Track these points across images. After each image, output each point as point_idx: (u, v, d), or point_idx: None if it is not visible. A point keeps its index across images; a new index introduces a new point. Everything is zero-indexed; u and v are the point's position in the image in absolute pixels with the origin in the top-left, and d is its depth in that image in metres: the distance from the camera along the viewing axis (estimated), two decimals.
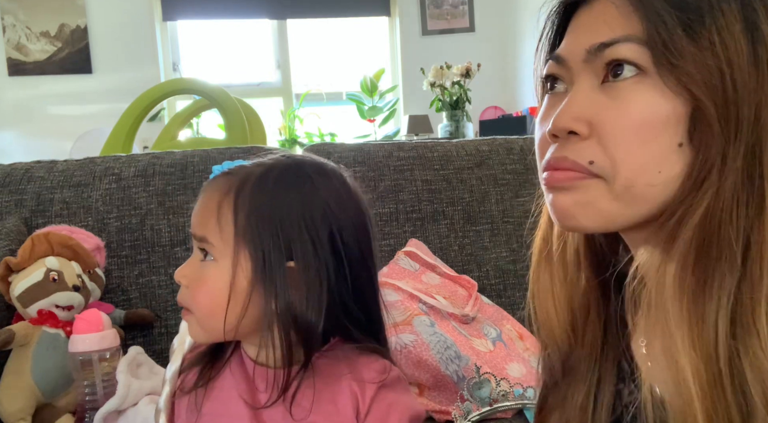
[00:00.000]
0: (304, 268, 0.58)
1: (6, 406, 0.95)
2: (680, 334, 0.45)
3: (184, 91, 2.80)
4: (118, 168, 1.28)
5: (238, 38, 4.16)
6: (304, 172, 0.62)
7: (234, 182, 0.61)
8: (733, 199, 0.44)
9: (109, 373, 0.91)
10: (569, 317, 0.58)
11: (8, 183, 1.24)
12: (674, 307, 0.45)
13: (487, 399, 0.99)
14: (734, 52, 0.44)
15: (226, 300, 0.58)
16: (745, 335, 0.43)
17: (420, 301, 1.13)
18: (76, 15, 3.75)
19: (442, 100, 3.30)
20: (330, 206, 0.61)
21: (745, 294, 0.43)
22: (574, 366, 0.58)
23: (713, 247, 0.44)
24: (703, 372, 0.43)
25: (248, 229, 0.59)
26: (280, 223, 0.59)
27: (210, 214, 0.60)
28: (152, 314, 1.18)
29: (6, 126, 3.73)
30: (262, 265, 0.58)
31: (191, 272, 0.61)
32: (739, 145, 0.44)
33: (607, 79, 0.47)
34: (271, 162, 0.63)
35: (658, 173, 0.46)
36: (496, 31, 4.13)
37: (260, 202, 0.59)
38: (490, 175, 1.39)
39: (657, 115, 0.45)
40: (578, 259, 0.58)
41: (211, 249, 0.60)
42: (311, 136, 3.98)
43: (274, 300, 0.58)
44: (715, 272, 0.44)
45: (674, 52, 0.44)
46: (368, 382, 0.60)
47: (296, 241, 0.59)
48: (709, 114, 0.44)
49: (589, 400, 0.57)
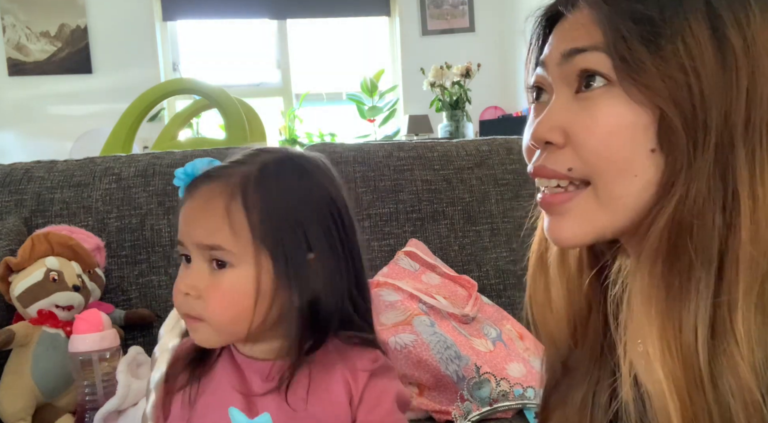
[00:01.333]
0: (323, 257, 0.59)
1: (6, 406, 0.95)
2: (651, 339, 0.45)
3: (184, 91, 2.80)
4: (118, 168, 1.28)
5: (238, 38, 4.16)
6: (297, 163, 0.63)
7: (234, 184, 0.59)
8: (705, 203, 0.44)
9: (109, 373, 0.91)
10: (569, 318, 0.58)
11: (8, 183, 1.24)
12: (643, 312, 0.46)
13: (487, 399, 0.99)
14: (700, 60, 0.44)
15: (252, 304, 0.58)
16: (723, 339, 0.43)
17: (420, 301, 1.13)
18: (76, 15, 3.75)
19: (442, 100, 3.30)
20: (330, 193, 0.62)
21: (723, 299, 0.44)
22: (574, 366, 0.59)
23: (684, 251, 0.45)
24: (681, 376, 0.44)
25: (266, 229, 0.58)
26: (293, 216, 0.59)
27: (219, 220, 0.58)
28: (152, 314, 1.18)
29: (6, 126, 3.73)
30: (285, 262, 0.58)
31: (201, 282, 0.59)
32: (707, 150, 0.44)
33: (581, 89, 0.49)
34: (259, 159, 0.62)
35: (634, 177, 0.47)
36: (496, 31, 4.13)
37: (270, 200, 0.59)
38: (490, 175, 1.39)
39: (623, 124, 0.46)
40: (579, 260, 0.58)
41: (228, 256, 0.58)
42: (311, 136, 3.98)
43: (299, 294, 0.58)
44: (691, 277, 0.44)
45: (633, 66, 0.45)
46: (360, 370, 0.61)
47: (312, 232, 0.59)
48: (674, 122, 0.45)
49: (588, 400, 0.57)
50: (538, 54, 0.55)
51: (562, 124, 0.49)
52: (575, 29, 0.49)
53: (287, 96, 4.14)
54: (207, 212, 0.59)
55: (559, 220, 0.51)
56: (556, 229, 0.51)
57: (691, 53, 0.44)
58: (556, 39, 0.52)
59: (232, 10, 4.02)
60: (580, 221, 0.50)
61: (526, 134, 0.53)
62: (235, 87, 3.67)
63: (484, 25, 4.17)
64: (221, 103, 2.25)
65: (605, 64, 0.47)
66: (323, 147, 1.41)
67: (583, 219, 0.49)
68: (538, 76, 0.54)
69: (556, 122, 0.49)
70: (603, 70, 0.47)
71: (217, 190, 0.59)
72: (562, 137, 0.49)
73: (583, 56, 0.48)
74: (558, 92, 0.51)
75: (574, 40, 0.49)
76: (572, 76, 0.49)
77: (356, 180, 1.34)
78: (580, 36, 0.49)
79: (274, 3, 4.06)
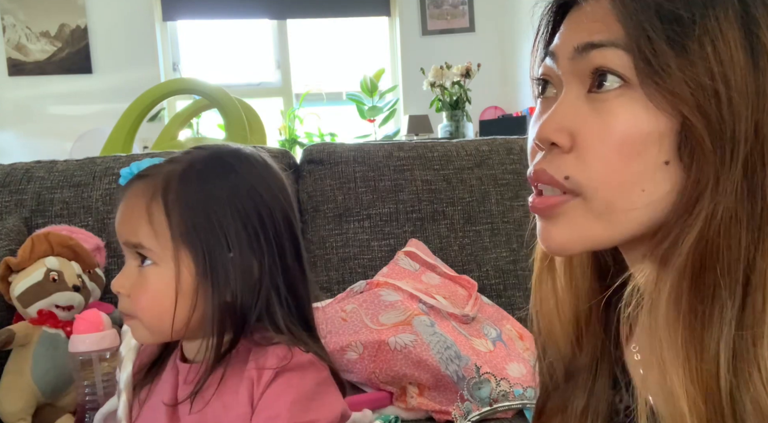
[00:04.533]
0: (241, 255, 0.59)
1: (6, 406, 0.95)
2: (675, 367, 0.42)
3: (184, 91, 2.80)
4: (118, 168, 1.28)
5: (238, 38, 4.16)
6: (226, 161, 0.63)
7: (157, 183, 0.60)
8: (732, 221, 0.41)
9: (109, 373, 0.91)
10: (573, 323, 0.56)
11: (8, 183, 1.24)
12: (669, 336, 0.43)
13: (487, 399, 0.99)
14: (730, 65, 0.40)
15: (173, 302, 0.59)
16: (746, 369, 0.40)
17: (420, 301, 1.13)
18: (76, 15, 3.75)
19: (442, 100, 3.30)
20: (257, 191, 0.61)
21: (747, 324, 0.41)
22: (576, 373, 0.57)
23: (710, 273, 0.41)
24: (702, 406, 0.41)
25: (184, 228, 0.59)
26: (215, 216, 0.59)
27: (140, 219, 0.59)
28: None
29: (6, 126, 3.73)
30: (205, 261, 0.59)
31: (129, 280, 0.61)
32: (735, 164, 0.41)
33: (593, 88, 0.45)
34: (189, 157, 0.63)
35: (642, 192, 0.43)
36: (496, 31, 4.13)
37: (190, 199, 0.59)
38: (490, 175, 1.39)
39: (640, 132, 0.42)
40: (583, 267, 0.56)
41: (149, 254, 0.60)
42: (311, 136, 3.98)
43: (219, 292, 0.59)
44: (714, 301, 0.41)
45: (658, 69, 0.41)
46: (267, 368, 0.59)
47: (231, 231, 0.59)
48: (699, 132, 0.41)
49: (589, 407, 0.56)
50: (546, 42, 0.51)
51: (569, 126, 0.45)
52: (592, 21, 0.45)
53: (287, 96, 4.14)
54: (131, 211, 0.61)
55: (550, 225, 0.47)
56: (547, 234, 0.48)
57: (721, 58, 0.40)
58: (568, 29, 0.47)
59: (232, 10, 4.02)
60: (571, 228, 0.46)
61: (531, 131, 0.49)
62: (235, 87, 3.66)
63: (484, 25, 4.17)
64: (221, 103, 2.25)
65: (624, 63, 0.43)
66: (323, 147, 1.41)
67: (575, 226, 0.46)
68: (546, 68, 0.49)
69: (563, 123, 0.45)
70: (621, 69, 0.43)
71: (141, 189, 0.61)
72: (568, 140, 0.45)
73: (599, 52, 0.44)
74: (568, 89, 0.46)
75: (591, 33, 0.44)
76: (585, 72, 0.45)
77: (356, 180, 1.34)
78: (597, 29, 0.44)
79: (274, 3, 4.06)
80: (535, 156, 0.48)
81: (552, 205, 0.46)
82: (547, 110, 0.47)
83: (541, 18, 0.51)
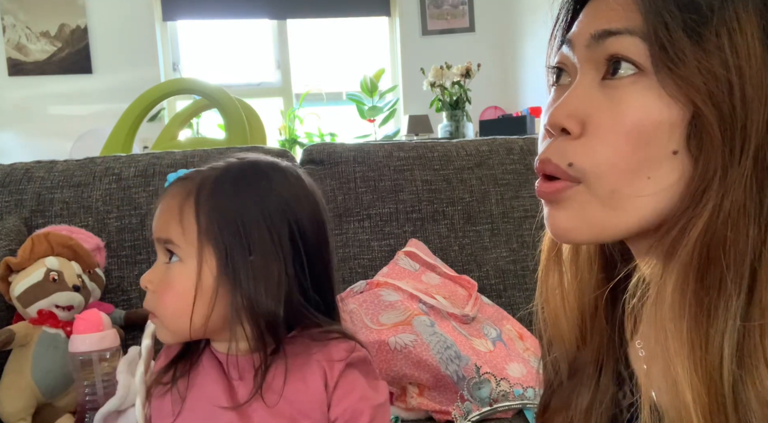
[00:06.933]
0: (264, 260, 0.61)
1: (6, 406, 0.95)
2: (680, 358, 0.42)
3: (184, 91, 2.80)
4: (118, 168, 1.28)
5: (238, 38, 4.16)
6: (261, 170, 0.66)
7: (193, 186, 0.64)
8: (739, 214, 0.41)
9: (109, 373, 0.91)
10: (578, 316, 0.56)
11: (8, 183, 1.24)
12: (674, 327, 0.43)
13: (487, 399, 0.99)
14: (746, 57, 0.40)
15: (192, 300, 0.61)
16: (751, 363, 0.40)
17: (420, 301, 1.13)
18: (76, 15, 3.75)
19: (442, 100, 3.30)
20: (287, 201, 0.64)
21: (753, 318, 0.41)
22: (580, 368, 0.57)
23: (716, 265, 0.41)
24: (705, 398, 0.41)
25: (210, 228, 0.61)
26: (240, 220, 0.62)
27: (172, 217, 0.63)
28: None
29: (6, 126, 3.73)
30: (225, 261, 0.61)
31: (156, 276, 0.64)
32: (745, 157, 0.41)
33: (607, 75, 0.45)
34: (227, 164, 0.66)
35: (648, 180, 0.43)
36: (496, 31, 4.13)
37: (220, 202, 0.62)
38: (490, 175, 1.39)
39: (651, 120, 0.42)
40: (590, 260, 0.56)
41: (177, 250, 0.62)
42: (311, 136, 3.98)
43: (239, 293, 0.61)
44: (720, 293, 0.41)
45: (673, 57, 0.41)
46: (336, 360, 0.63)
47: (255, 236, 0.61)
48: (710, 123, 0.41)
49: (594, 403, 0.56)
50: (564, 31, 0.51)
51: (581, 112, 0.45)
52: (611, 9, 0.45)
53: (287, 96, 4.15)
54: (167, 208, 0.64)
55: (556, 211, 0.47)
56: (553, 220, 0.48)
57: (737, 49, 0.40)
58: (587, 17, 0.47)
59: (232, 10, 4.03)
60: (576, 213, 0.46)
61: (543, 117, 0.49)
62: (235, 87, 3.67)
63: (484, 25, 4.17)
64: (221, 103, 2.25)
65: (640, 50, 0.43)
66: (323, 147, 1.41)
67: (580, 212, 0.46)
68: (562, 56, 0.49)
69: (575, 109, 0.45)
70: (636, 57, 0.43)
71: (178, 190, 0.64)
72: (579, 127, 0.45)
73: (616, 39, 0.44)
74: (582, 76, 0.46)
75: (609, 20, 0.44)
76: (601, 60, 0.45)
77: (356, 180, 1.34)
78: (615, 17, 0.44)
79: (274, 3, 4.06)
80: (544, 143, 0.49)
81: (557, 190, 0.46)
82: (559, 97, 0.47)
83: (561, 7, 0.52)
